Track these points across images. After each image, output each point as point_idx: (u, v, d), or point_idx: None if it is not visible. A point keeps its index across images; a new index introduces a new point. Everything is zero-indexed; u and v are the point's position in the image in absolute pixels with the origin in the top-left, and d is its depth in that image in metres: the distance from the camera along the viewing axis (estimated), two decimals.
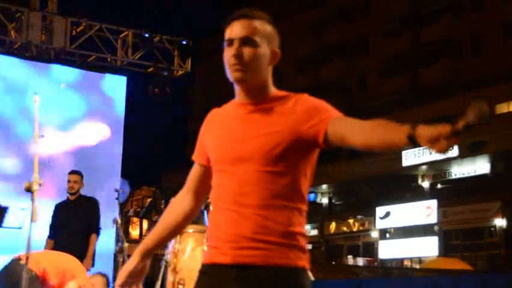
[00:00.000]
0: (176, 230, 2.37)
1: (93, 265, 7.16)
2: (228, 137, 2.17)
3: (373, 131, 1.97)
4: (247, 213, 2.08)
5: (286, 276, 2.08)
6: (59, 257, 5.29)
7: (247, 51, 2.14)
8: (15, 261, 4.89)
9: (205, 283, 2.15)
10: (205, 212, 5.48)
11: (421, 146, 1.82)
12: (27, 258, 3.64)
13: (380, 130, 1.95)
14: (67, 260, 5.21)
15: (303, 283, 2.11)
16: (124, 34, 12.54)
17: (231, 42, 2.18)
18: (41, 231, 8.34)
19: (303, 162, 2.14)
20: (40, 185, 3.64)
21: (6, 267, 5.02)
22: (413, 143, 1.81)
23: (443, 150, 1.77)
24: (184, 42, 12.98)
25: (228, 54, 2.17)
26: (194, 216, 2.41)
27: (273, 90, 2.22)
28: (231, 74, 2.16)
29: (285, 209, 2.09)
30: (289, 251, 2.09)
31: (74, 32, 11.98)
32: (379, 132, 1.95)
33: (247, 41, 2.16)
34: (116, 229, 5.65)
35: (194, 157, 2.33)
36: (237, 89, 2.21)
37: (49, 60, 11.32)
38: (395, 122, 1.92)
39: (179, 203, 2.35)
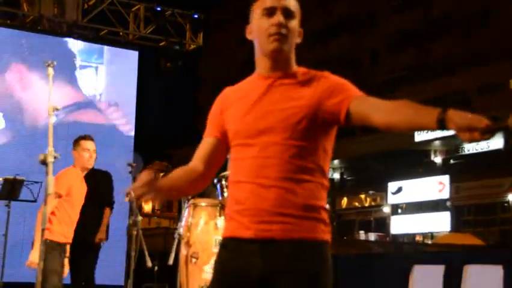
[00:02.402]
0: (185, 188, 2.31)
1: (107, 238, 7.21)
2: (250, 109, 2.15)
3: (398, 111, 1.97)
4: (268, 186, 2.06)
5: (309, 249, 2.08)
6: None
7: (287, 22, 2.15)
8: None
9: (228, 257, 2.14)
10: (218, 186, 5.48)
11: (449, 130, 1.80)
12: (43, 230, 3.67)
13: (406, 111, 1.94)
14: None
15: (325, 256, 2.11)
16: (135, 8, 12.49)
17: (272, 11, 2.15)
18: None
19: (324, 137, 2.14)
20: (55, 157, 3.65)
21: None
22: (442, 127, 1.80)
23: (472, 141, 1.77)
24: (196, 16, 12.92)
25: (267, 23, 2.14)
26: (204, 184, 2.35)
27: (295, 66, 2.22)
28: (268, 44, 2.14)
29: (306, 182, 2.09)
30: (311, 224, 2.09)
31: (86, 6, 11.95)
32: (405, 113, 1.94)
33: (288, 12, 2.16)
34: (130, 202, 5.66)
35: (206, 134, 2.28)
36: (263, 61, 2.20)
37: (61, 34, 11.30)
38: (421, 104, 1.91)
39: (188, 167, 2.29)
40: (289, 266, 2.04)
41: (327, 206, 2.21)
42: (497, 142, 28.93)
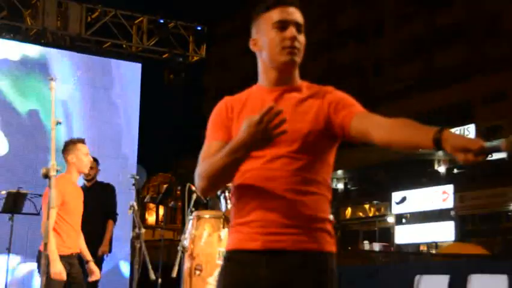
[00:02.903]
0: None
1: (110, 251, 7.20)
2: None
3: (397, 128, 2.00)
4: (275, 198, 2.08)
5: (316, 260, 2.11)
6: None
7: (299, 36, 2.19)
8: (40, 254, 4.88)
9: (235, 269, 2.14)
10: (222, 198, 5.49)
11: (444, 151, 1.83)
12: (45, 244, 3.66)
13: (404, 129, 1.97)
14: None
15: (331, 267, 2.14)
16: (138, 20, 12.53)
17: (285, 24, 2.18)
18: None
19: (328, 151, 2.18)
20: (58, 171, 3.64)
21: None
22: (438, 146, 1.83)
23: (466, 162, 1.79)
24: (199, 28, 12.95)
25: (280, 36, 2.17)
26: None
27: (299, 80, 2.26)
28: (281, 56, 2.17)
29: (312, 195, 2.12)
30: (318, 236, 2.12)
31: (89, 19, 11.99)
32: (404, 131, 1.97)
33: (298, 26, 2.20)
34: (133, 215, 5.66)
35: (215, 137, 2.20)
36: (269, 73, 2.22)
37: (65, 47, 11.34)
38: (420, 123, 1.95)
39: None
40: (297, 276, 2.07)
41: (332, 217, 2.23)
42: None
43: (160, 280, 6.03)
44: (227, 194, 5.29)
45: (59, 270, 4.71)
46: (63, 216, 5.04)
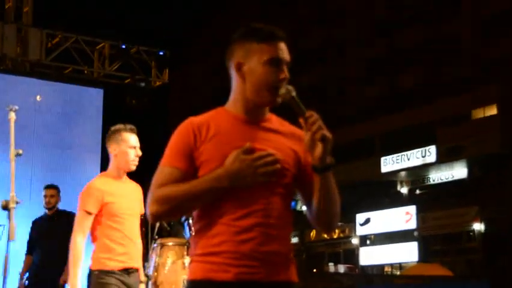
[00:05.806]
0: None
1: None
2: (231, 150, 2.06)
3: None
4: (250, 231, 2.05)
5: None
6: None
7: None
8: None
9: None
10: (185, 224, 5.44)
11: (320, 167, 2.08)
12: (4, 277, 3.56)
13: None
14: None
15: None
16: (100, 46, 12.48)
17: (279, 62, 2.13)
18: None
19: (292, 187, 2.19)
20: (17, 203, 3.57)
21: None
22: (317, 169, 2.11)
23: (324, 138, 2.07)
24: (161, 53, 12.96)
25: (275, 75, 2.12)
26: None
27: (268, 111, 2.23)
28: (268, 95, 2.12)
29: (283, 228, 2.13)
30: (287, 267, 2.13)
31: (49, 44, 11.91)
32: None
33: (287, 66, 2.17)
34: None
35: (179, 165, 2.09)
36: (245, 102, 2.14)
37: (25, 73, 11.22)
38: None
39: None
40: None
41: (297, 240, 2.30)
42: (461, 172, 29.31)
43: None
44: (191, 221, 5.25)
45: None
46: (107, 221, 4.13)
